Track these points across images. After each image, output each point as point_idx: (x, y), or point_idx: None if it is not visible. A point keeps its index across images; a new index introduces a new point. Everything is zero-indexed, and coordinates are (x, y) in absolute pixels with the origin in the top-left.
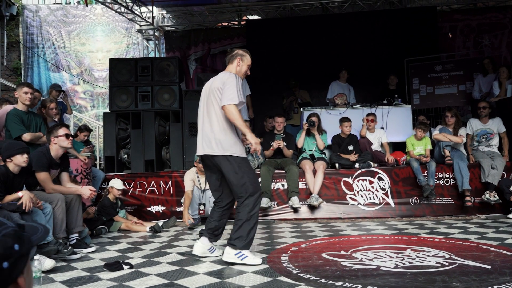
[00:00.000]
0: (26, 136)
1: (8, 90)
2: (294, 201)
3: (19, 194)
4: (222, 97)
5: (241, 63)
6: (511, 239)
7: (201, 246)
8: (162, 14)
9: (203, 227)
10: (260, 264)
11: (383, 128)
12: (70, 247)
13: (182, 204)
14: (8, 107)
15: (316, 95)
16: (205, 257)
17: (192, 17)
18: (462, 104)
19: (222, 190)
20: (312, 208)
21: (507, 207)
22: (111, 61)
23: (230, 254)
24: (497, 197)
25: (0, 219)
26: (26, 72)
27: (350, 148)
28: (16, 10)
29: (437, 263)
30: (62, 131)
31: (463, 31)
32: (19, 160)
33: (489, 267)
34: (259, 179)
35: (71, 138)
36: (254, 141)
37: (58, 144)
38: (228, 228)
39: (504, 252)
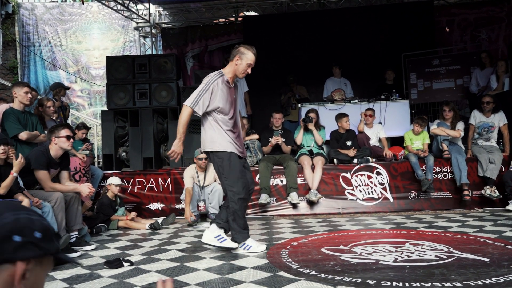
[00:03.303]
0: (23, 135)
1: (5, 89)
2: (293, 196)
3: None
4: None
5: (239, 61)
6: (509, 232)
7: (208, 233)
8: (158, 11)
9: (203, 224)
10: (264, 251)
11: (381, 123)
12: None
13: (182, 201)
14: (3, 106)
15: (313, 90)
16: (211, 246)
17: (189, 14)
18: (459, 99)
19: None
20: (311, 203)
21: (505, 200)
22: (108, 59)
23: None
24: (498, 193)
25: (48, 221)
26: (23, 71)
27: (349, 143)
28: (11, 9)
29: (435, 256)
30: (64, 132)
31: (460, 25)
32: None
33: (487, 260)
34: (258, 175)
35: (72, 140)
36: (173, 148)
37: (58, 144)
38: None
39: (502, 245)
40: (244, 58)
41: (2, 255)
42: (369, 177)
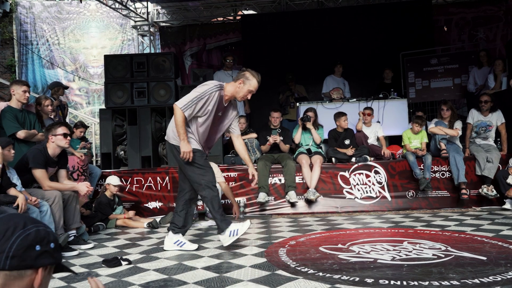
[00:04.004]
0: (21, 134)
1: (3, 88)
2: (291, 195)
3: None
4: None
5: (242, 85)
6: (506, 230)
7: (167, 241)
8: (157, 9)
9: (202, 222)
10: (248, 227)
11: (379, 122)
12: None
13: None
14: (1, 105)
15: (312, 89)
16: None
17: (187, 13)
18: (457, 97)
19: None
20: (309, 202)
21: (502, 198)
22: (106, 57)
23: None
24: (495, 192)
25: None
26: (21, 69)
27: (347, 142)
28: (9, 7)
29: (433, 255)
30: (61, 130)
31: (458, 24)
32: None
33: (484, 258)
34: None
35: (69, 138)
36: (183, 149)
37: (55, 142)
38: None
39: (500, 243)
40: (247, 84)
41: (26, 262)
42: (367, 176)
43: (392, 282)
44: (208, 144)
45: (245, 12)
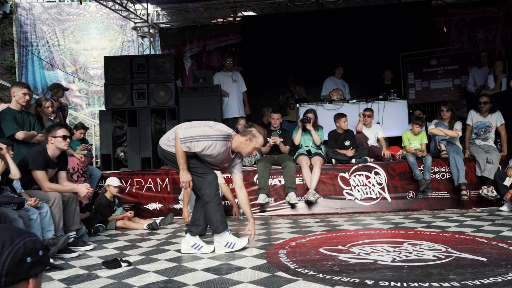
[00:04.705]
0: (20, 135)
1: (3, 89)
2: (291, 197)
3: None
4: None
5: (248, 142)
6: (506, 231)
7: (184, 242)
8: (156, 11)
9: None
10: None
11: (379, 123)
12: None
13: (180, 202)
14: (1, 106)
15: (312, 90)
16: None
17: (187, 14)
18: (457, 98)
19: None
20: (309, 203)
21: (502, 200)
22: (106, 58)
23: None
24: (495, 192)
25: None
26: (21, 70)
27: (347, 143)
28: (9, 8)
29: (433, 256)
30: (60, 132)
31: (458, 25)
32: None
33: (485, 259)
34: (256, 176)
35: (68, 140)
36: (182, 179)
37: (55, 144)
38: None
39: (500, 244)
40: (254, 141)
41: (19, 276)
42: (367, 177)
43: (392, 283)
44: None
45: (245, 13)
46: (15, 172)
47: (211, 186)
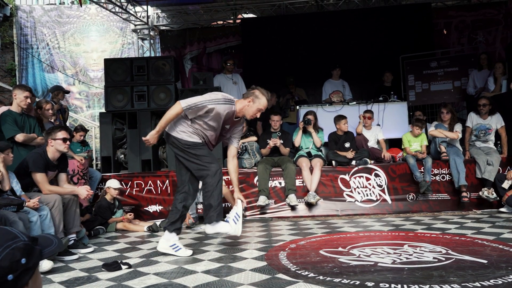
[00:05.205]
0: (19, 137)
1: (3, 92)
2: (291, 198)
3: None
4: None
5: (251, 103)
6: (507, 233)
7: (163, 240)
8: (157, 13)
9: (201, 226)
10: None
11: (379, 125)
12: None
13: None
14: (1, 109)
15: (312, 92)
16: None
17: (187, 16)
18: (457, 100)
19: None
20: (310, 205)
21: (501, 201)
22: (106, 61)
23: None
24: (495, 195)
25: (15, 232)
26: (21, 73)
27: (347, 145)
28: (9, 11)
29: (434, 258)
30: (60, 134)
31: (458, 27)
32: None
33: (485, 261)
34: (256, 177)
35: (68, 142)
36: (148, 137)
37: (54, 147)
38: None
39: (500, 246)
40: (257, 102)
41: None
42: (368, 179)
43: (392, 285)
44: (209, 146)
45: (245, 15)
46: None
47: (214, 176)
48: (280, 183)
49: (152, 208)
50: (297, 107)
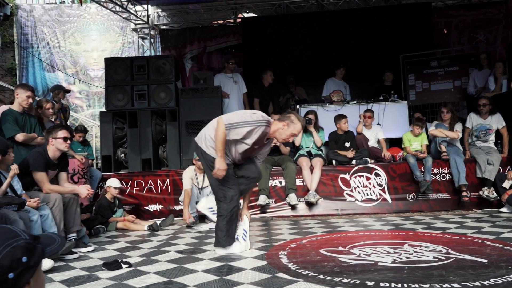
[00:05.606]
0: (20, 137)
1: (3, 91)
2: (292, 198)
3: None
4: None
5: (285, 127)
6: (507, 233)
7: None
8: (157, 12)
9: (201, 225)
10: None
11: (379, 124)
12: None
13: (181, 203)
14: (2, 108)
15: (312, 92)
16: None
17: (188, 15)
18: (457, 100)
19: None
20: (310, 205)
21: (502, 201)
22: (107, 60)
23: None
24: (496, 194)
25: (16, 230)
26: (21, 72)
27: (347, 144)
28: (10, 10)
29: (434, 257)
30: (61, 133)
31: (458, 26)
32: None
33: (485, 261)
34: None
35: (69, 141)
36: (218, 166)
37: (55, 146)
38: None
39: (500, 246)
40: (292, 127)
41: None
42: (368, 179)
43: (393, 284)
44: (234, 162)
45: (245, 14)
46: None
47: (230, 202)
48: (280, 183)
49: (153, 207)
50: (297, 106)
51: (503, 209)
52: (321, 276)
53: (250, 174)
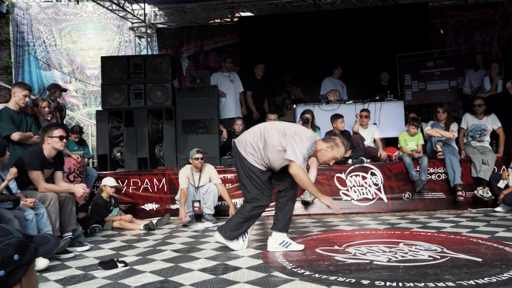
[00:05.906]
0: (15, 136)
1: None
2: None
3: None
4: (288, 148)
5: (329, 149)
6: (501, 232)
7: (271, 240)
8: (154, 11)
9: (198, 224)
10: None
11: (375, 124)
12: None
13: (177, 202)
14: None
15: (308, 91)
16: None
17: (185, 14)
18: (453, 100)
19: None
20: (306, 204)
21: (497, 200)
22: (103, 59)
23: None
24: (490, 194)
25: (9, 228)
26: (17, 70)
27: None
28: (6, 8)
29: (429, 256)
30: (57, 132)
31: (455, 27)
32: None
33: (480, 260)
34: None
35: (65, 140)
36: (327, 203)
37: (51, 144)
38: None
39: (495, 245)
40: (335, 150)
41: None
42: (364, 178)
43: (388, 283)
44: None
45: (242, 14)
46: None
47: (255, 208)
48: None
49: (149, 206)
50: (294, 105)
51: (498, 209)
52: (317, 275)
53: (281, 188)
